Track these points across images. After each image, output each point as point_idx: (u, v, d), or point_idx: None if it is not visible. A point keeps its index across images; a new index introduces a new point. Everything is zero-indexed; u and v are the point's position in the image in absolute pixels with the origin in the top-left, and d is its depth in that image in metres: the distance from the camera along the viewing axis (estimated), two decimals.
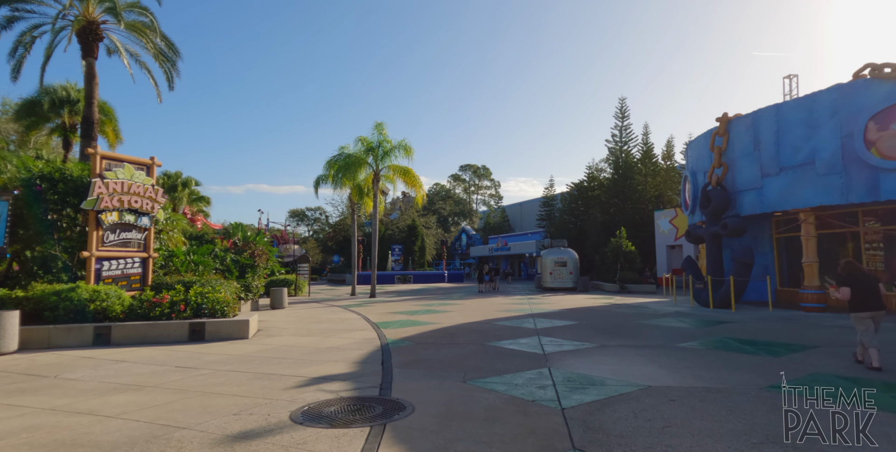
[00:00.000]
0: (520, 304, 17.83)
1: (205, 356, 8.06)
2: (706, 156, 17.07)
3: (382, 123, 23.67)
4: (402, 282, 39.96)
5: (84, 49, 15.75)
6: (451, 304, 18.24)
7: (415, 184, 23.97)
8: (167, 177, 28.88)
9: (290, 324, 12.52)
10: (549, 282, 27.26)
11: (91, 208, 10.55)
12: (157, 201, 11.88)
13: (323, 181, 25.32)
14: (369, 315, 14.58)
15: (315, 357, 7.88)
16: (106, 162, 11.08)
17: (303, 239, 63.41)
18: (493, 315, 14.16)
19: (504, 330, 10.80)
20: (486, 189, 79.72)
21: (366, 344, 9.17)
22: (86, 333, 9.23)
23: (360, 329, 11.39)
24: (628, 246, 26.65)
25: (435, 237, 56.99)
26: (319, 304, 19.41)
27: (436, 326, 11.69)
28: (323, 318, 13.84)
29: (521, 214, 61.03)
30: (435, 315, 14.38)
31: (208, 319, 10.13)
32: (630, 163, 38.21)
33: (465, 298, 21.63)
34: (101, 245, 10.83)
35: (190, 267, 13.73)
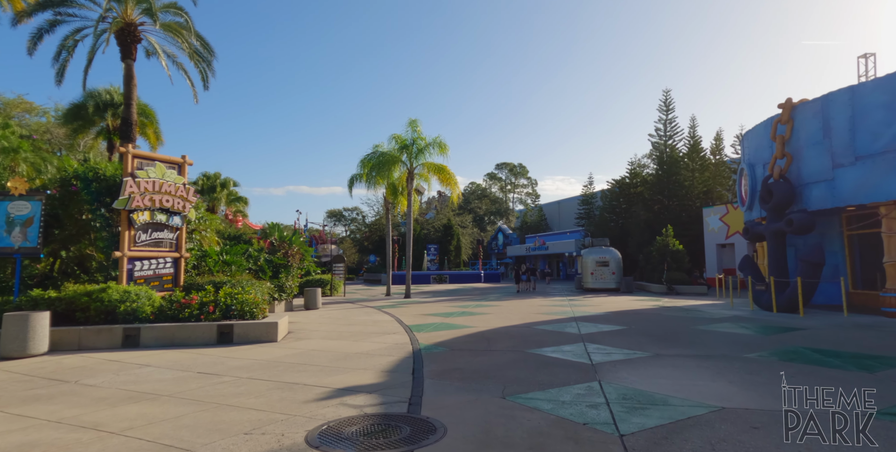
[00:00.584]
0: (560, 306, 16.93)
1: (229, 361, 7.69)
2: (766, 147, 15.67)
3: (416, 120, 23.20)
4: (438, 282, 39.49)
5: (123, 51, 15.94)
6: (488, 306, 17.53)
7: (449, 181, 23.37)
8: (206, 178, 29.44)
9: (321, 326, 12.14)
10: (590, 283, 26.11)
11: (123, 207, 10.45)
12: (188, 200, 11.72)
13: (357, 180, 25.09)
14: (403, 317, 14.06)
15: (342, 364, 7.37)
16: (138, 160, 10.98)
17: (340, 239, 64.02)
18: (533, 318, 13.37)
19: (545, 336, 10.03)
20: (523, 187, 78.42)
21: (397, 349, 8.61)
22: (115, 335, 9.07)
23: (392, 332, 10.86)
24: (675, 244, 25.18)
25: (471, 236, 56.31)
26: (353, 305, 19.09)
27: (472, 330, 11.03)
28: (355, 320, 13.42)
29: (559, 213, 59.53)
30: (471, 317, 13.72)
31: (237, 321, 9.82)
32: (675, 158, 36.38)
33: (503, 299, 20.86)
34: (133, 245, 10.73)
35: (222, 267, 13.59)
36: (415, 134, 23.32)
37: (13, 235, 9.46)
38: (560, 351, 8.30)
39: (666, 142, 37.70)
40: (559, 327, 11.30)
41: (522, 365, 7.21)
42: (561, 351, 8.21)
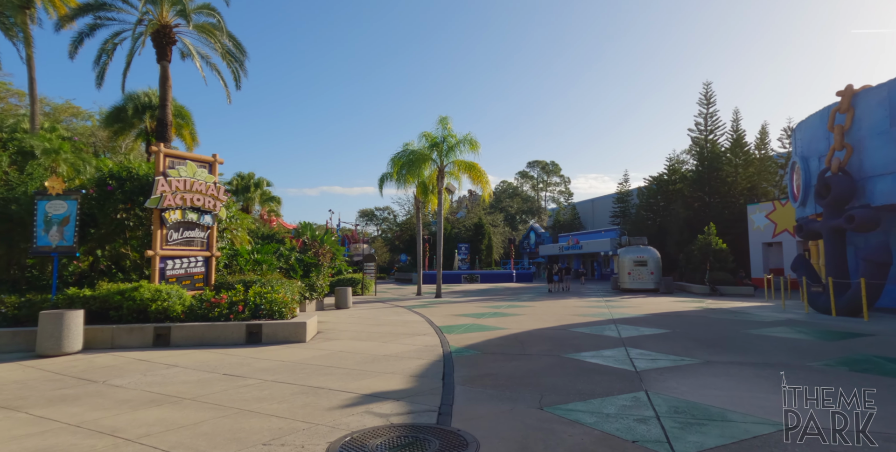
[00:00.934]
0: (597, 307, 16.27)
1: (256, 362, 7.52)
2: (822, 138, 14.58)
3: (447, 117, 22.90)
4: (469, 282, 39.09)
5: (158, 53, 16.20)
6: (521, 306, 17.02)
7: (480, 179, 22.94)
8: (240, 178, 29.96)
9: (350, 326, 11.94)
10: (627, 283, 25.20)
11: (155, 206, 10.49)
12: (219, 199, 11.72)
13: (387, 179, 24.96)
14: (433, 317, 13.74)
15: (370, 367, 7.08)
16: (169, 159, 11.02)
17: (371, 238, 64.44)
18: (569, 319, 12.81)
19: (583, 339, 9.50)
20: (556, 185, 77.07)
21: (427, 352, 8.27)
22: (146, 334, 9.07)
23: (422, 333, 10.54)
24: (718, 243, 23.99)
25: (502, 235, 55.66)
26: (384, 304, 18.91)
27: (505, 332, 10.60)
28: (385, 320, 13.18)
29: (593, 211, 58.16)
30: (503, 319, 13.27)
31: (266, 321, 9.70)
32: (717, 153, 34.84)
33: (536, 300, 20.29)
34: (165, 244, 10.76)
35: (253, 266, 13.60)
36: (445, 131, 23.01)
37: (51, 234, 9.61)
38: (600, 356, 7.79)
39: (707, 136, 36.16)
40: (597, 330, 10.73)
41: (560, 371, 6.75)
42: (601, 357, 7.70)
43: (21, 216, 9.85)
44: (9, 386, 6.10)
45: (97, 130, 26.65)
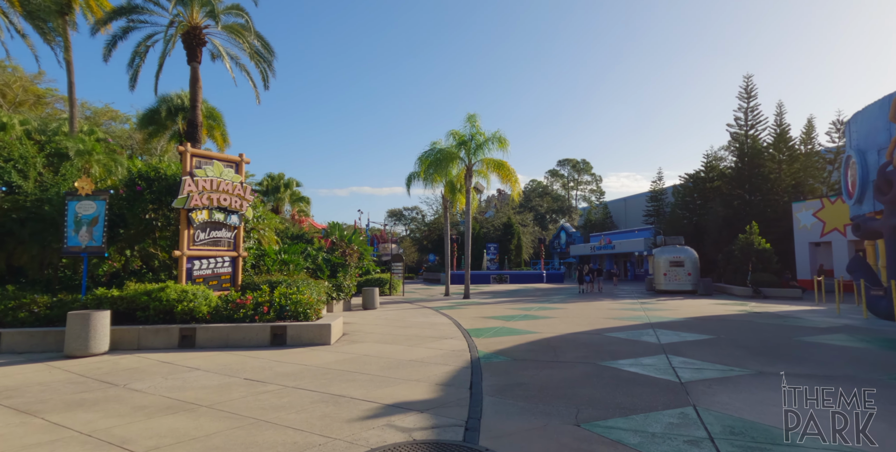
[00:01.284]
0: (632, 310, 15.57)
1: (278, 366, 7.31)
2: (882, 129, 13.52)
3: (475, 115, 22.46)
4: (498, 282, 38.55)
5: (189, 54, 16.36)
6: (552, 308, 16.47)
7: (509, 178, 22.44)
8: (270, 178, 30.31)
9: (376, 328, 11.68)
10: (662, 284, 24.23)
11: (182, 207, 10.47)
12: (245, 199, 11.65)
13: (415, 178, 24.72)
14: (461, 319, 13.36)
15: (394, 373, 6.75)
16: (196, 159, 11.00)
17: (400, 238, 64.57)
18: (603, 323, 12.23)
19: (620, 345, 8.95)
20: (587, 184, 75.56)
21: (454, 357, 7.90)
22: (172, 335, 9.01)
23: (449, 336, 10.18)
24: (761, 243, 22.78)
25: (532, 235, 54.79)
26: (411, 305, 18.65)
27: (535, 336, 10.13)
28: (412, 322, 12.88)
29: (626, 210, 56.67)
30: (534, 322, 12.79)
31: (290, 323, 9.53)
32: (758, 148, 33.29)
33: (567, 301, 19.67)
34: (192, 244, 10.74)
35: (280, 266, 13.52)
36: (473, 129, 22.60)
37: (81, 234, 9.68)
38: (639, 364, 7.25)
39: (747, 132, 34.62)
40: (634, 335, 10.14)
41: (597, 381, 6.27)
42: (640, 365, 7.16)
43: (53, 216, 9.98)
44: (32, 389, 6.04)
45: (134, 133, 27.38)
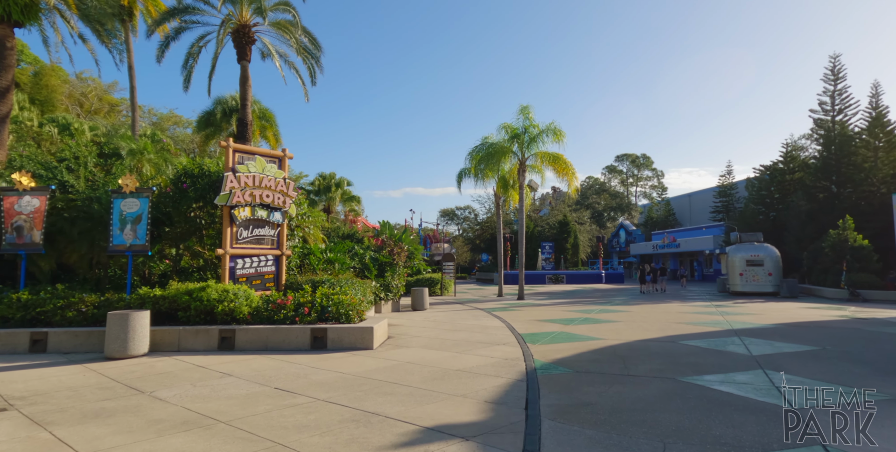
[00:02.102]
0: (707, 314, 13.98)
1: (314, 373, 6.70)
2: None
3: (528, 106, 21.34)
4: (554, 283, 37.03)
5: (238, 53, 16.40)
6: (615, 311, 15.13)
7: (566, 172, 21.14)
8: (322, 178, 30.52)
9: (423, 331, 10.96)
10: (739, 286, 22.05)
11: (224, 203, 10.18)
12: (288, 195, 11.26)
13: (465, 175, 23.94)
14: (515, 322, 12.40)
15: (437, 386, 5.95)
16: (238, 155, 10.71)
17: (453, 238, 64.05)
18: (675, 329, 10.88)
19: (701, 356, 7.70)
20: (647, 180, 71.89)
21: (506, 367, 7.00)
22: (211, 336, 8.67)
23: (501, 342, 9.27)
24: (858, 239, 20.18)
25: (589, 233, 52.56)
26: (462, 306, 17.85)
27: (599, 343, 9.02)
28: (462, 325, 12.06)
29: (690, 207, 53.23)
30: (596, 326, 11.61)
31: (331, 325, 8.96)
32: (847, 135, 29.87)
33: (630, 303, 18.17)
34: (235, 242, 10.44)
35: (325, 265, 13.10)
36: (526, 121, 21.49)
37: (125, 233, 9.59)
38: (731, 381, 6.04)
39: (834, 117, 31.18)
40: (716, 344, 8.80)
41: (680, 402, 5.17)
42: (733, 383, 5.96)
43: (101, 215, 9.96)
44: (59, 395, 5.73)
45: (195, 136, 28.32)
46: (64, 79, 33.34)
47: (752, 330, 10.43)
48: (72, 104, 33.36)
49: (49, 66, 30.14)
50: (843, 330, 10.51)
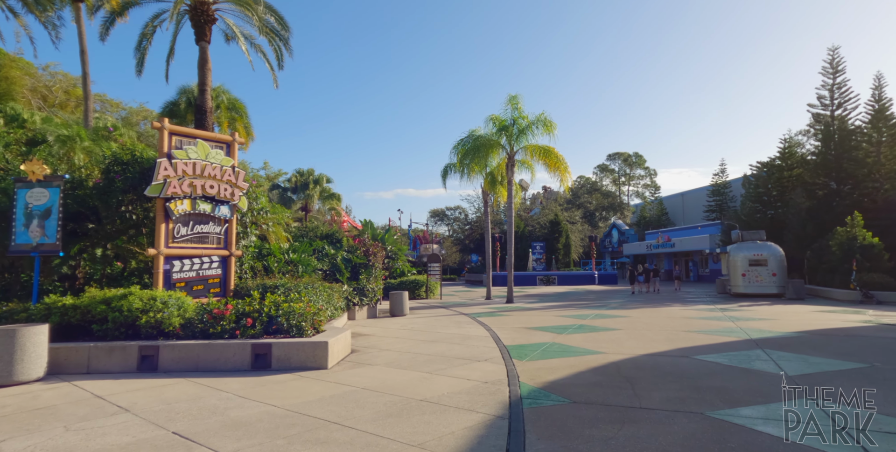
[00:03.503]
0: (715, 320, 12.61)
1: (238, 407, 5.18)
2: None
3: (517, 96, 19.93)
4: (545, 284, 35.68)
5: (197, 32, 14.83)
6: (612, 317, 13.73)
7: (558, 166, 19.73)
8: (300, 174, 28.87)
9: (395, 343, 9.46)
10: (741, 287, 20.77)
11: (157, 195, 8.63)
12: (238, 186, 9.73)
13: (451, 170, 22.50)
14: (501, 330, 10.94)
15: (391, 429, 4.45)
16: (176, 138, 9.15)
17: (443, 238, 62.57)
18: (685, 338, 9.47)
19: (726, 377, 6.27)
20: (640, 179, 70.88)
21: (485, 394, 5.53)
22: (129, 355, 7.11)
23: (483, 357, 7.80)
24: (867, 237, 18.98)
25: (581, 233, 51.34)
26: (447, 311, 16.37)
27: (599, 359, 7.57)
28: (441, 334, 10.58)
29: (683, 206, 52.25)
30: (593, 335, 10.18)
31: (278, 339, 7.45)
32: (847, 130, 28.86)
33: (628, 307, 16.79)
34: (172, 240, 8.89)
35: (286, 267, 11.58)
36: (515, 112, 20.07)
37: (31, 230, 7.99)
38: (777, 417, 4.61)
39: (833, 111, 30.16)
40: (739, 359, 7.38)
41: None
42: (782, 422, 4.51)
43: (7, 209, 8.36)
44: None
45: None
46: (28, 71, 31.48)
47: (775, 341, 9.04)
48: (35, 98, 31.49)
49: (10, 56, 28.32)
50: (880, 339, 9.14)
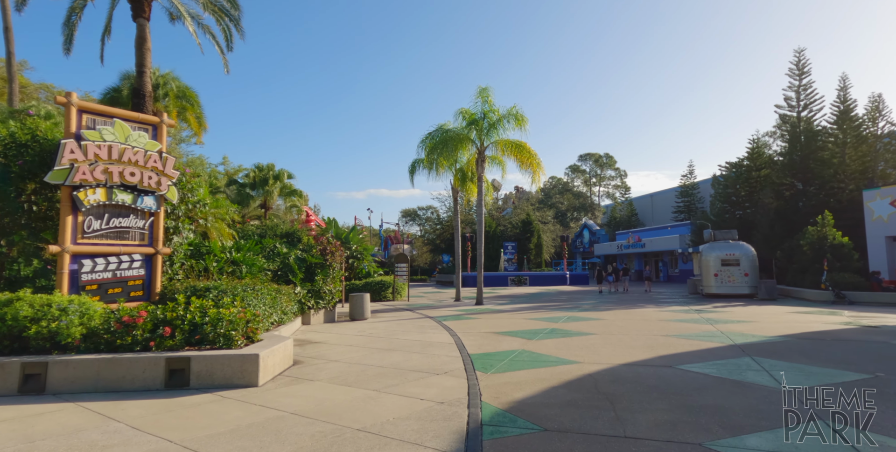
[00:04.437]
0: (693, 323, 11.97)
1: (119, 447, 4.05)
2: None
3: (487, 88, 19.05)
4: (517, 285, 35.00)
5: (134, 8, 13.39)
6: (585, 319, 12.96)
7: (530, 162, 18.94)
8: (258, 169, 27.23)
9: (347, 353, 8.38)
10: (713, 287, 20.42)
11: (61, 182, 7.34)
12: (166, 174, 8.48)
13: (419, 166, 21.46)
14: (466, 336, 9.99)
15: None
16: (88, 117, 7.87)
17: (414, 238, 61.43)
18: (665, 344, 8.71)
19: (718, 393, 5.45)
20: (610, 180, 71.29)
21: (438, 418, 4.55)
22: (9, 374, 5.83)
23: (443, 369, 6.82)
24: (837, 236, 18.86)
25: (553, 233, 51.00)
26: (412, 314, 15.34)
27: (573, 370, 6.69)
28: (401, 341, 9.54)
29: (653, 207, 52.65)
30: (566, 341, 9.33)
31: (200, 351, 6.30)
32: (813, 131, 29.16)
33: (601, 308, 16.10)
34: (81, 236, 7.60)
35: (231, 267, 10.34)
36: (486, 106, 19.19)
37: None
38: (789, 451, 3.76)
39: (799, 113, 30.47)
40: (728, 369, 6.60)
41: None
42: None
43: None
44: None
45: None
46: None
47: (760, 346, 8.35)
48: None
49: None
50: (870, 344, 8.56)
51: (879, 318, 12.17)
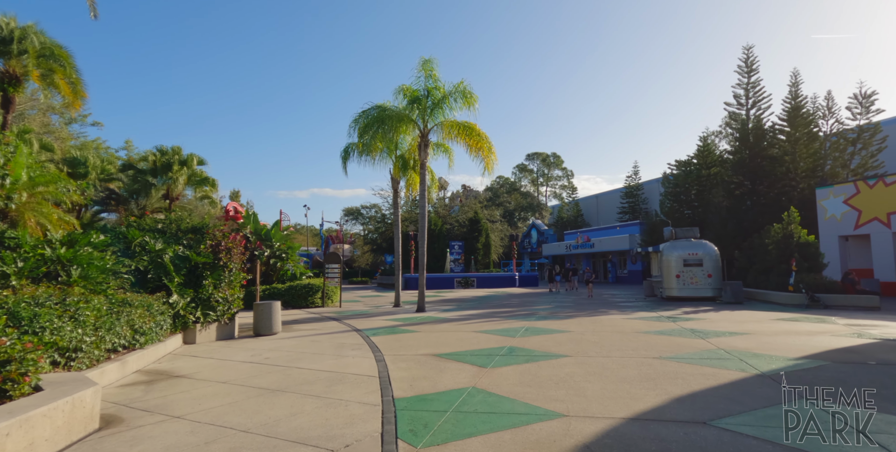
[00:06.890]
0: (678, 336, 9.86)
1: None
2: None
3: (431, 60, 16.41)
4: (464, 287, 32.64)
5: None
6: (548, 331, 10.59)
7: (480, 146, 16.48)
8: (160, 152, 23.04)
9: (205, 401, 5.44)
10: (675, 289, 18.83)
11: None
12: None
13: (352, 151, 18.50)
14: (396, 363, 7.28)
15: None
16: None
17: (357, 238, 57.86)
18: (665, 373, 6.39)
19: None
20: (557, 179, 70.75)
21: None
22: None
23: (342, 438, 4.08)
24: (803, 235, 17.70)
25: (501, 232, 49.21)
26: (337, 325, 12.46)
27: (555, 433, 4.17)
28: (301, 374, 6.68)
29: (598, 207, 52.26)
30: (533, 367, 6.83)
31: None
32: (762, 128, 28.78)
33: (560, 316, 13.87)
34: None
35: (42, 270, 7.08)
36: (429, 81, 16.55)
37: None
38: None
39: (749, 110, 30.10)
40: (796, 431, 4.28)
41: None
42: None
43: None
44: None
45: None
46: None
47: (797, 376, 6.16)
48: None
49: None
50: None
51: (881, 327, 10.58)
